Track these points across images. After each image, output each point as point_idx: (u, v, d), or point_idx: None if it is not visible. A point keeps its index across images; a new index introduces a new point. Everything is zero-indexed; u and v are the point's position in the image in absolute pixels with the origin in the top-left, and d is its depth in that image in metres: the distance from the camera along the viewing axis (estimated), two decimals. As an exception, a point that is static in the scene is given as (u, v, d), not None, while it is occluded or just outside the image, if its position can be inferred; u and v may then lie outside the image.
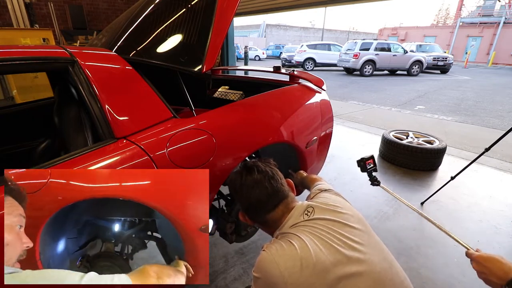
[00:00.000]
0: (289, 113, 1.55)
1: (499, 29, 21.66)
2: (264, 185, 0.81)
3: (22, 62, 0.94)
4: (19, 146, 1.68)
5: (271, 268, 0.69)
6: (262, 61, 22.10)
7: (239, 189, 0.84)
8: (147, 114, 1.11)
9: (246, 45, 9.00)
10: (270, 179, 0.82)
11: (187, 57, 1.17)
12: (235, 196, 0.89)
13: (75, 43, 5.70)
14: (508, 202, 2.39)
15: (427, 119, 5.27)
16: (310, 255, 0.68)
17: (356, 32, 44.17)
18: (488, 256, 0.67)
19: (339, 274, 0.66)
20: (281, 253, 0.71)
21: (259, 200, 0.81)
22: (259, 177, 0.82)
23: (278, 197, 0.83)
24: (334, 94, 7.52)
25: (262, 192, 0.81)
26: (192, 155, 1.11)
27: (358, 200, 2.38)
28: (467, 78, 12.16)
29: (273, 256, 0.70)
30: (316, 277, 0.66)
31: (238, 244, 1.80)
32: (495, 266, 0.64)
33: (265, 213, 0.82)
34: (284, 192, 0.85)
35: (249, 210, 0.86)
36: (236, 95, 1.98)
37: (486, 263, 0.67)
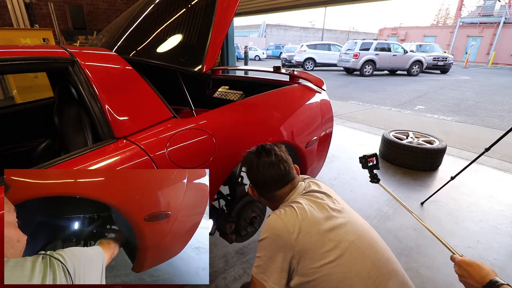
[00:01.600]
0: (289, 113, 1.55)
1: (499, 29, 21.65)
2: (278, 167, 0.94)
3: (22, 62, 0.94)
4: (19, 146, 1.68)
5: (275, 223, 0.83)
6: (262, 61, 22.10)
7: (256, 168, 0.95)
8: (147, 114, 1.11)
9: (246, 45, 9.00)
10: (284, 163, 0.96)
11: (187, 57, 1.17)
12: (249, 173, 0.99)
13: (75, 43, 5.70)
14: (508, 202, 2.39)
15: (427, 119, 5.27)
16: (306, 212, 0.84)
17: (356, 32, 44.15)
18: (470, 261, 0.71)
19: (330, 226, 0.83)
20: (283, 213, 0.86)
21: (273, 179, 0.94)
22: (275, 159, 0.94)
23: (288, 178, 0.96)
24: (334, 94, 7.52)
25: (276, 172, 0.93)
26: (192, 155, 1.11)
27: (358, 200, 2.38)
28: (467, 78, 12.16)
29: (277, 216, 0.85)
30: (312, 227, 0.81)
31: (238, 244, 1.80)
32: (474, 271, 0.68)
33: (275, 190, 0.96)
34: (293, 175, 0.98)
35: (261, 186, 0.98)
36: (236, 95, 1.98)
37: (467, 267, 0.71)
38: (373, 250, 0.83)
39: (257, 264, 0.84)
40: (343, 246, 0.80)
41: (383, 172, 2.92)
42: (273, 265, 0.81)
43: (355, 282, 0.77)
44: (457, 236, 1.95)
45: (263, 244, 0.84)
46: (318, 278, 0.78)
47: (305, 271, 0.79)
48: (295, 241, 0.79)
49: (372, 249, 0.83)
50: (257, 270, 0.83)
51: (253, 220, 1.50)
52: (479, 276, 0.66)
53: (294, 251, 0.79)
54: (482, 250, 1.82)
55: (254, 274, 0.84)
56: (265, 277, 0.81)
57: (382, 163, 3.12)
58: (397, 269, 0.84)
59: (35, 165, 0.86)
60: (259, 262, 0.83)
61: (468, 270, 0.70)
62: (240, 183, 1.49)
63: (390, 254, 0.87)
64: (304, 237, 0.80)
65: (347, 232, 0.83)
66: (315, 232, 0.81)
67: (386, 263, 0.83)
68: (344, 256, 0.79)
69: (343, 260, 0.78)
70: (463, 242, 1.89)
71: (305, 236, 0.80)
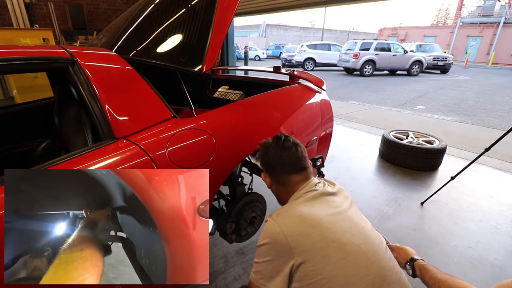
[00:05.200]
0: (289, 113, 1.55)
1: (499, 29, 21.64)
2: (295, 149, 0.97)
3: (22, 62, 0.94)
4: (19, 146, 1.68)
5: (272, 228, 0.81)
6: (262, 61, 22.09)
7: (274, 151, 0.98)
8: (147, 114, 1.11)
9: (246, 45, 8.99)
10: (300, 147, 1.00)
11: (187, 57, 1.17)
12: (265, 157, 1.01)
13: (75, 43, 5.69)
14: (508, 202, 2.39)
15: (427, 119, 5.26)
16: (306, 213, 0.83)
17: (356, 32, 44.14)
18: (402, 246, 1.01)
19: (333, 227, 0.81)
20: (281, 217, 0.84)
21: (290, 159, 0.96)
22: (291, 144, 0.98)
23: (304, 163, 0.98)
24: (334, 94, 7.52)
25: (294, 155, 0.96)
26: (192, 155, 1.11)
27: (358, 200, 2.38)
28: (467, 78, 12.16)
29: (273, 220, 0.83)
30: (312, 228, 0.79)
31: (238, 244, 1.80)
32: (404, 252, 0.98)
33: (291, 173, 0.96)
34: (308, 163, 1.00)
35: (277, 168, 0.98)
36: (236, 95, 1.98)
37: (399, 250, 0.99)
38: (379, 257, 0.81)
39: (256, 270, 0.82)
40: (348, 250, 0.78)
41: (383, 172, 2.92)
42: (273, 271, 0.79)
43: (357, 287, 0.75)
44: (457, 236, 1.95)
45: (261, 249, 0.82)
46: (319, 280, 0.76)
47: (306, 273, 0.77)
48: (294, 244, 0.77)
49: (378, 256, 0.81)
50: (256, 276, 0.81)
51: (253, 220, 1.50)
52: (406, 255, 0.96)
53: (294, 254, 0.77)
54: (482, 250, 1.81)
55: (253, 280, 0.82)
56: (264, 283, 0.79)
57: (382, 163, 3.12)
58: (401, 279, 0.83)
59: (35, 165, 0.86)
60: (258, 268, 0.82)
61: (399, 252, 0.98)
62: (240, 183, 1.49)
63: (395, 263, 0.87)
64: (304, 239, 0.78)
65: (353, 236, 0.81)
66: (316, 234, 0.79)
67: (391, 271, 0.81)
68: (347, 259, 0.77)
69: (347, 263, 0.77)
70: (463, 242, 1.89)
71: (305, 238, 0.78)
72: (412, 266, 0.92)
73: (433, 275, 0.83)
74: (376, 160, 3.24)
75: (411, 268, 0.92)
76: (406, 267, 0.94)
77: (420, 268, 0.89)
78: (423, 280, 0.86)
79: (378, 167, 3.06)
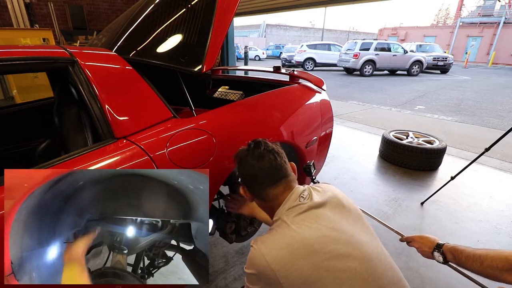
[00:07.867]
0: (289, 113, 1.55)
1: (499, 29, 21.64)
2: (269, 157, 0.84)
3: (22, 62, 0.94)
4: (19, 146, 1.68)
5: (258, 261, 0.74)
6: (262, 61, 22.09)
7: (245, 159, 0.87)
8: (147, 114, 1.11)
9: (246, 45, 8.99)
10: (275, 153, 0.86)
11: (187, 57, 1.17)
12: (239, 167, 0.91)
13: (75, 43, 5.69)
14: (508, 202, 2.39)
15: (427, 119, 5.26)
16: (296, 241, 0.73)
17: (356, 32, 44.14)
18: (421, 235, 0.97)
19: (328, 255, 0.71)
20: (265, 244, 0.75)
21: (263, 171, 0.84)
22: (265, 151, 0.86)
23: (281, 173, 0.85)
24: (334, 94, 7.52)
25: (266, 164, 0.84)
26: (192, 155, 1.11)
27: (358, 200, 2.38)
28: (467, 78, 12.16)
29: (258, 251, 0.74)
30: (304, 260, 0.71)
31: (238, 244, 1.80)
32: (427, 240, 0.93)
33: (267, 186, 0.85)
34: (287, 170, 0.87)
35: (251, 181, 0.88)
36: (236, 95, 1.98)
37: (420, 239, 0.95)
38: (378, 274, 0.74)
39: None
40: (343, 276, 0.71)
41: (383, 172, 2.92)
42: None
43: None
44: (457, 236, 1.95)
45: (249, 277, 0.77)
46: None
47: None
48: (284, 279, 0.71)
49: (376, 274, 0.73)
50: None
51: (253, 220, 1.50)
52: (430, 242, 0.92)
53: (284, 287, 0.71)
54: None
55: None
56: None
57: (382, 163, 3.12)
58: (401, 286, 0.78)
59: (35, 165, 0.86)
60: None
61: (422, 242, 0.95)
62: (240, 183, 1.48)
63: (395, 272, 0.79)
64: (295, 273, 0.70)
65: (349, 257, 0.72)
66: (309, 266, 0.71)
67: (390, 285, 0.75)
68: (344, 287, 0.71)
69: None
70: (463, 242, 1.88)
71: (296, 272, 0.70)
72: (441, 252, 0.87)
73: (469, 253, 0.78)
74: (376, 160, 3.24)
75: (441, 254, 0.86)
76: (434, 255, 0.89)
77: (451, 252, 0.84)
78: (459, 262, 0.81)
79: (378, 167, 3.06)
